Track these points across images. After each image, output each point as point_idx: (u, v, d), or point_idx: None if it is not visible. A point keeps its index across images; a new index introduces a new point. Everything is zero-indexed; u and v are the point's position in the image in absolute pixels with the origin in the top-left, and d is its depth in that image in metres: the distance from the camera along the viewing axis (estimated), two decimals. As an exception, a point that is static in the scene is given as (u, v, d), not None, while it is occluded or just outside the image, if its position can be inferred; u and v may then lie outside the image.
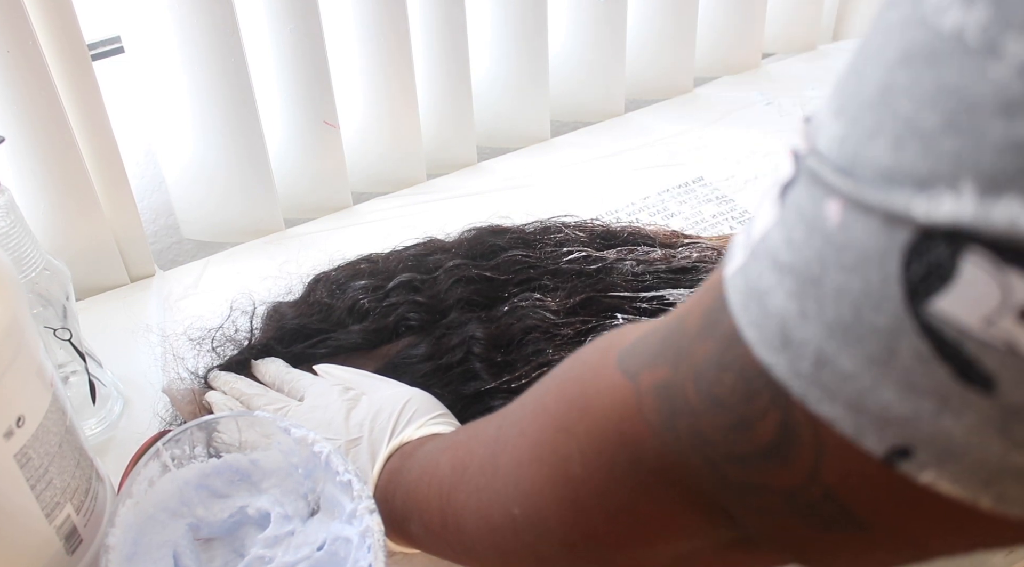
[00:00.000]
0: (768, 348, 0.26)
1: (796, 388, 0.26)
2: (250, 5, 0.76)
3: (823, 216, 0.24)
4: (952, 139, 0.21)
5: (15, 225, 0.56)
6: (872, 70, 0.24)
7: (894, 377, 0.23)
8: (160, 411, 0.65)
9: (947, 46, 0.21)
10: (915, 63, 0.22)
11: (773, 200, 0.27)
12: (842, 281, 0.24)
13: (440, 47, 0.86)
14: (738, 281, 0.28)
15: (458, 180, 0.92)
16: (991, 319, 0.21)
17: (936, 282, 0.22)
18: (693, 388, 0.30)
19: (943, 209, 0.21)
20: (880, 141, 0.23)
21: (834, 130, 0.25)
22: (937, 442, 0.24)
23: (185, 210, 0.85)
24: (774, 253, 0.26)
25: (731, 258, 0.29)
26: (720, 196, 0.88)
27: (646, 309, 0.64)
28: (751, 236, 0.28)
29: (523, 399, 0.41)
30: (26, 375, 0.45)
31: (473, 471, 0.42)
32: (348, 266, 0.72)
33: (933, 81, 0.22)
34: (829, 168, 0.24)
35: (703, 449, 0.30)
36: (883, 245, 0.23)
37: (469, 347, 0.62)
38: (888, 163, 0.22)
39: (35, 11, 0.65)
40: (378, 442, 0.53)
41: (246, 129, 0.78)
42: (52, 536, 0.49)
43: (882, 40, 0.24)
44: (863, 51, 0.25)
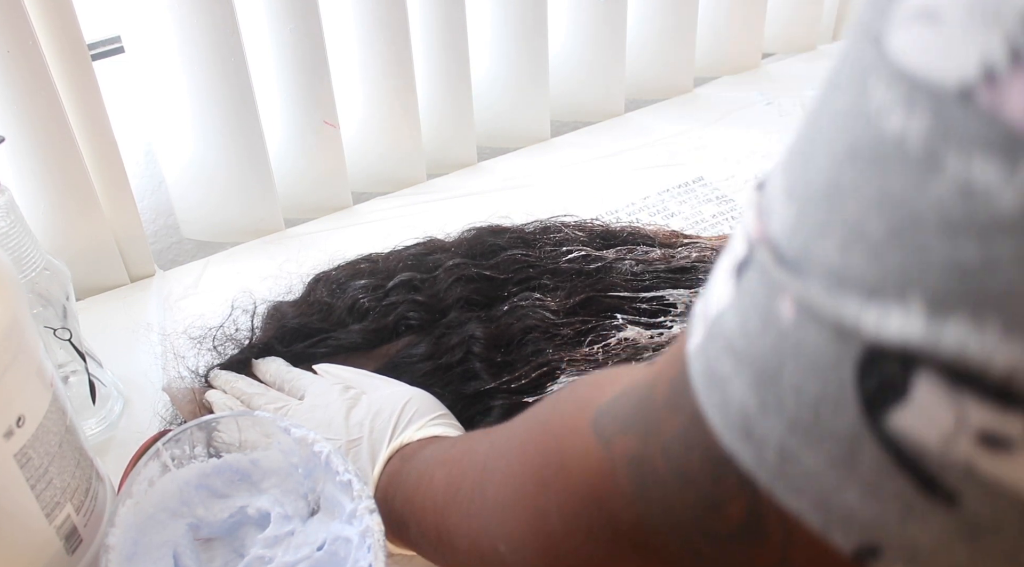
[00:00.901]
0: (732, 436, 0.26)
1: (763, 479, 0.25)
2: (250, 5, 0.76)
3: (777, 311, 0.24)
4: (898, 251, 0.20)
5: (15, 225, 0.56)
6: (820, 159, 0.23)
7: (856, 481, 0.23)
8: (160, 410, 0.65)
9: (890, 151, 0.21)
10: (860, 163, 0.21)
11: (728, 277, 0.26)
12: (799, 381, 0.23)
13: (440, 47, 0.86)
14: (699, 361, 0.27)
15: (458, 180, 0.92)
16: (948, 440, 0.21)
17: (891, 396, 0.21)
18: (663, 463, 0.29)
19: (892, 325, 0.20)
20: (829, 240, 0.22)
21: (785, 216, 0.24)
22: (904, 545, 0.23)
23: (185, 210, 0.85)
24: (730, 339, 0.26)
25: (692, 331, 0.28)
26: (720, 196, 0.88)
27: (646, 309, 0.64)
28: (707, 312, 0.27)
29: (510, 430, 0.41)
30: (26, 375, 0.46)
31: (464, 495, 0.42)
32: (348, 266, 0.72)
33: (877, 186, 0.21)
34: (779, 264, 0.23)
35: (675, 523, 0.30)
36: (836, 353, 0.22)
37: (469, 347, 0.62)
38: (837, 265, 0.22)
39: (35, 11, 0.65)
40: (378, 443, 0.53)
41: (246, 129, 0.78)
42: (52, 536, 0.49)
43: (829, 128, 0.23)
44: (811, 133, 0.24)
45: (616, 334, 0.62)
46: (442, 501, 0.44)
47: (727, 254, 0.27)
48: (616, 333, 0.62)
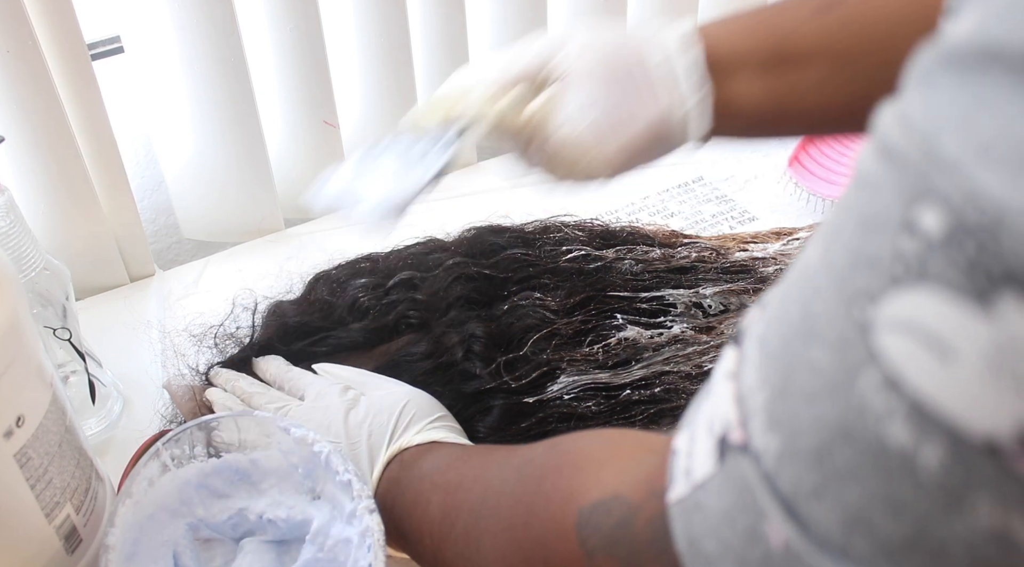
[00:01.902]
0: None
1: None
2: (250, 5, 0.76)
3: (763, 533, 0.23)
4: (918, 559, 0.20)
5: (15, 225, 0.56)
6: (803, 409, 0.22)
7: None
8: (160, 409, 0.65)
9: (895, 463, 0.20)
10: (856, 451, 0.21)
11: (709, 440, 0.26)
12: None
13: (440, 47, 0.86)
14: (681, 519, 0.27)
15: (458, 180, 0.92)
16: None
17: None
18: None
19: None
20: (827, 509, 0.21)
21: (769, 443, 0.23)
22: None
23: (185, 210, 0.85)
24: (715, 523, 0.25)
25: (673, 479, 0.28)
26: (720, 196, 0.88)
27: (645, 309, 0.64)
28: (691, 470, 0.27)
29: (501, 481, 0.42)
30: (26, 375, 0.45)
31: (459, 534, 0.43)
32: (348, 265, 0.72)
33: (886, 491, 0.20)
34: (770, 497, 0.23)
35: None
36: None
37: (469, 346, 0.62)
38: (839, 542, 0.21)
39: (35, 11, 0.65)
40: (376, 446, 0.53)
41: (246, 129, 0.78)
42: (52, 536, 0.49)
43: (811, 384, 0.22)
44: (790, 362, 0.23)
45: (616, 334, 0.62)
46: (438, 531, 0.45)
47: (708, 405, 0.27)
48: (616, 333, 0.62)
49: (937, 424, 0.19)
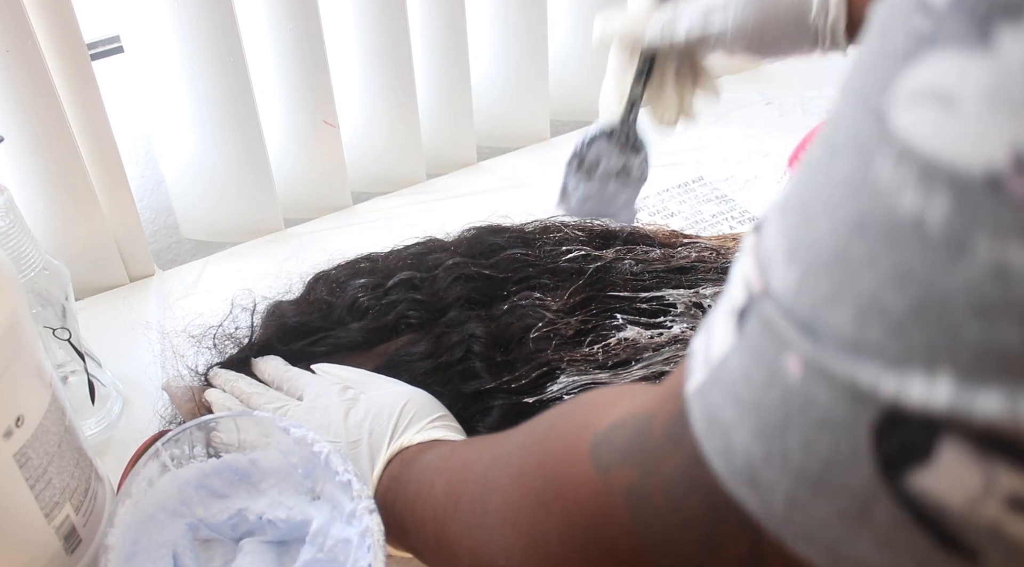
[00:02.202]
0: (736, 482, 0.26)
1: (770, 525, 0.25)
2: (250, 5, 0.76)
3: (783, 367, 0.23)
4: (923, 329, 0.20)
5: (14, 225, 0.56)
6: (823, 225, 0.23)
7: (869, 534, 0.23)
8: (160, 410, 0.65)
9: (906, 230, 0.21)
10: (871, 236, 0.21)
11: (728, 320, 0.26)
12: (808, 436, 0.23)
13: (440, 47, 0.86)
14: (699, 403, 0.27)
15: (458, 180, 0.92)
16: (974, 502, 0.20)
17: (911, 459, 0.21)
18: (662, 500, 0.30)
19: (914, 393, 0.20)
20: (842, 310, 0.22)
21: (788, 276, 0.24)
22: None
23: (185, 210, 0.85)
24: (733, 386, 0.26)
25: (691, 370, 0.28)
26: (720, 196, 0.88)
27: (645, 309, 0.64)
28: (710, 355, 0.27)
29: (510, 446, 0.42)
30: (25, 375, 0.45)
31: (464, 506, 0.43)
32: (348, 265, 0.72)
33: (894, 263, 0.21)
34: (788, 322, 0.23)
35: (676, 557, 0.30)
36: (850, 415, 0.22)
37: (469, 346, 0.62)
38: (852, 334, 0.22)
39: (35, 11, 0.65)
40: (377, 446, 0.53)
41: (246, 129, 0.78)
42: (51, 536, 0.49)
43: (830, 195, 0.23)
44: (810, 193, 0.24)
45: (616, 334, 0.62)
46: (442, 511, 0.45)
47: (726, 297, 0.27)
48: (616, 333, 0.62)
49: (942, 177, 0.20)
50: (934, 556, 0.22)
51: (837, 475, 0.23)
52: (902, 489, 0.21)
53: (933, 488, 0.21)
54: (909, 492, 0.21)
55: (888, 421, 0.21)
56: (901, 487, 0.21)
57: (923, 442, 0.21)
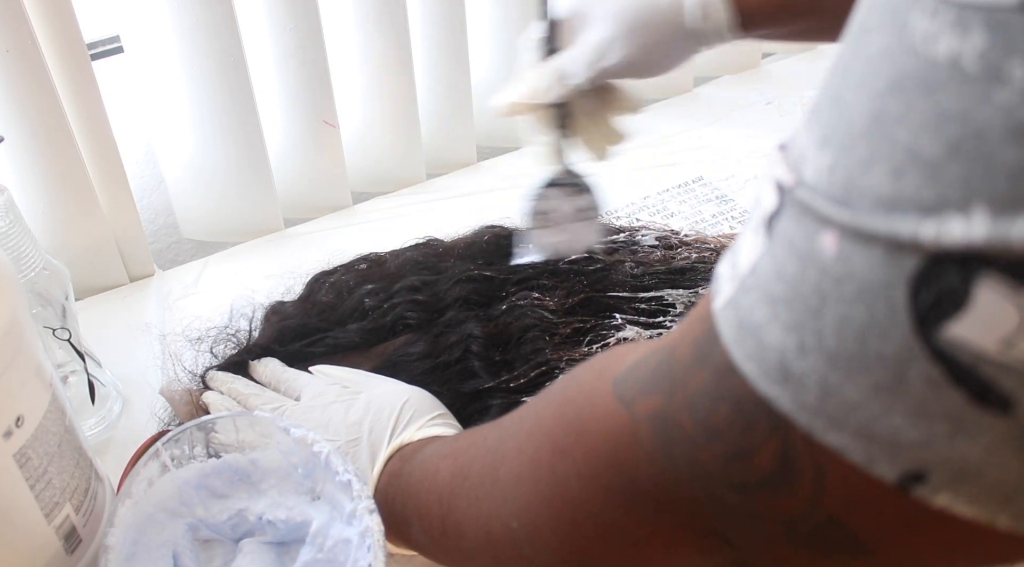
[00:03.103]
0: (768, 381, 0.26)
1: (801, 419, 0.25)
2: (250, 5, 0.76)
3: (818, 248, 0.24)
4: (958, 165, 0.21)
5: (14, 225, 0.56)
6: (858, 99, 0.23)
7: (904, 403, 0.23)
8: (158, 411, 0.65)
9: (942, 74, 0.21)
10: (907, 91, 0.22)
11: (757, 231, 0.27)
12: (843, 312, 0.24)
13: (440, 47, 0.86)
14: (728, 314, 0.28)
15: (458, 180, 0.92)
16: (1009, 341, 0.21)
17: (948, 308, 0.21)
18: (688, 418, 0.30)
19: (954, 232, 0.21)
20: (877, 170, 0.22)
21: (822, 160, 0.24)
22: (952, 464, 0.23)
23: (185, 210, 0.85)
24: (765, 286, 0.26)
25: (717, 291, 0.29)
26: (720, 196, 0.88)
27: (644, 309, 0.64)
28: (737, 268, 0.28)
29: (522, 412, 0.42)
30: (25, 375, 0.45)
31: (473, 481, 0.42)
32: (348, 266, 0.72)
33: (931, 109, 0.21)
34: (822, 198, 0.24)
35: (700, 476, 0.30)
36: (887, 275, 0.22)
37: (467, 345, 0.62)
38: (888, 191, 0.22)
39: (35, 11, 0.65)
40: (378, 443, 0.53)
41: (246, 129, 0.78)
42: (51, 536, 0.49)
43: (864, 69, 0.23)
44: (842, 80, 0.24)
45: (615, 334, 0.62)
46: (448, 492, 0.44)
47: (754, 213, 0.28)
48: (615, 333, 0.62)
49: (977, 12, 0.20)
50: (968, 414, 0.22)
51: (872, 346, 0.23)
52: (937, 344, 0.22)
53: (968, 335, 0.21)
54: (944, 346, 0.22)
55: (925, 271, 0.22)
56: (936, 342, 0.22)
57: (960, 286, 0.21)
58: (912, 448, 0.24)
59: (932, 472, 0.24)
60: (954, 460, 0.23)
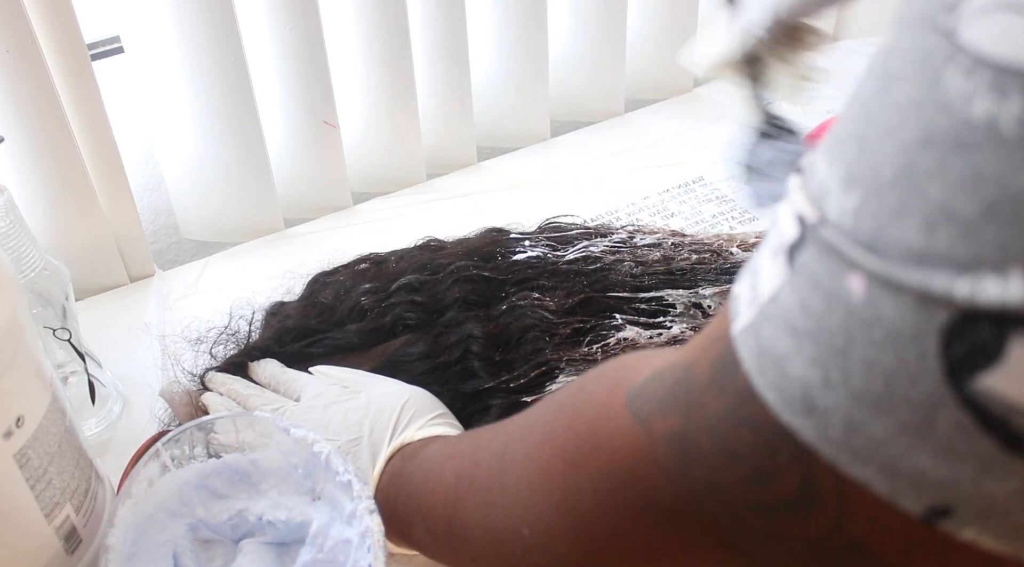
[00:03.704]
0: (791, 412, 0.26)
1: (826, 451, 0.25)
2: (250, 5, 0.76)
3: (844, 289, 0.24)
4: (995, 227, 0.21)
5: (15, 225, 0.56)
6: (886, 147, 0.23)
7: (931, 444, 0.23)
8: (158, 412, 0.65)
9: (979, 135, 0.21)
10: (940, 147, 0.22)
11: (777, 257, 0.27)
12: (871, 354, 0.24)
13: (440, 47, 0.86)
14: (749, 341, 0.28)
15: (458, 180, 0.92)
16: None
17: (981, 361, 0.21)
18: (708, 440, 0.30)
19: (990, 292, 0.21)
20: (909, 223, 0.22)
21: (847, 202, 0.24)
22: (978, 503, 0.23)
23: (185, 210, 0.85)
24: (788, 318, 0.26)
25: (736, 313, 0.29)
26: (720, 196, 0.88)
27: (644, 309, 0.64)
28: (758, 294, 0.28)
29: (529, 419, 0.41)
30: (25, 375, 0.45)
31: (480, 484, 0.42)
32: (349, 266, 0.72)
33: (966, 168, 0.21)
34: (849, 241, 0.24)
35: (721, 496, 0.30)
36: (918, 324, 0.22)
37: (467, 346, 0.62)
38: (920, 245, 0.22)
39: (35, 11, 0.65)
40: (378, 443, 0.53)
41: (246, 129, 0.78)
42: (51, 536, 0.49)
43: (892, 117, 0.23)
44: (866, 123, 0.24)
45: (615, 334, 0.62)
46: (453, 493, 0.44)
47: (772, 237, 0.28)
48: (615, 333, 0.62)
49: (1017, 76, 0.20)
50: (998, 460, 0.22)
51: (900, 389, 0.23)
52: (968, 393, 0.22)
53: (1001, 388, 0.21)
54: (976, 396, 0.22)
55: (958, 325, 0.22)
56: (968, 391, 0.22)
57: (994, 341, 0.21)
58: (938, 486, 0.24)
59: (958, 508, 0.24)
60: (981, 499, 0.23)
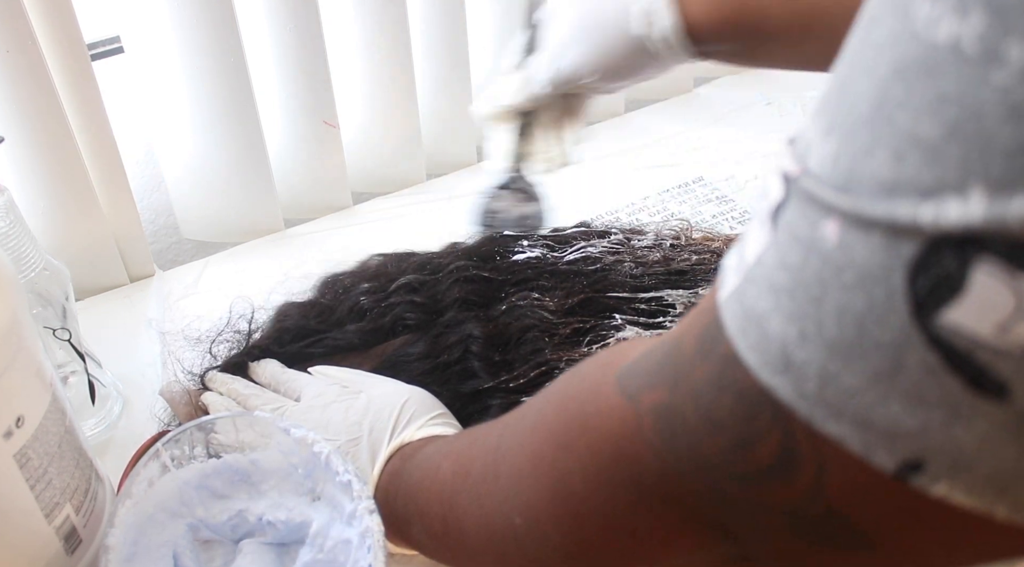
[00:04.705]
0: (770, 371, 0.26)
1: (801, 409, 0.26)
2: (250, 5, 0.76)
3: (820, 236, 0.24)
4: (956, 146, 0.21)
5: (15, 225, 0.56)
6: (862, 86, 0.24)
7: (901, 390, 0.23)
8: (158, 412, 0.65)
9: (943, 57, 0.21)
10: (909, 76, 0.22)
11: (764, 223, 0.27)
12: (843, 300, 0.24)
13: (440, 47, 0.86)
14: (733, 305, 0.28)
15: (458, 180, 0.92)
16: (1005, 326, 0.21)
17: (945, 294, 0.22)
18: (692, 409, 0.30)
19: (951, 214, 0.21)
20: (879, 155, 0.22)
21: (826, 149, 0.24)
22: (949, 453, 0.23)
23: (185, 210, 0.85)
24: (769, 276, 0.26)
25: (723, 282, 0.29)
26: (720, 196, 0.88)
27: (644, 310, 0.64)
28: (744, 260, 0.28)
29: (524, 410, 0.42)
30: (25, 375, 0.45)
31: (475, 478, 0.42)
32: (356, 269, 0.72)
33: (931, 91, 0.21)
34: (826, 186, 0.24)
35: (704, 469, 0.30)
36: (887, 260, 0.22)
37: (467, 346, 0.62)
38: (889, 176, 0.22)
39: (35, 11, 0.65)
40: (378, 442, 0.53)
41: (246, 129, 0.78)
42: (51, 536, 0.49)
43: (870, 56, 0.24)
44: (849, 69, 0.25)
45: (615, 334, 0.62)
46: (450, 489, 0.44)
47: (761, 205, 0.28)
48: (615, 333, 0.62)
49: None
50: (964, 401, 0.22)
51: (870, 334, 0.23)
52: (934, 330, 0.22)
53: (965, 320, 0.21)
54: (941, 332, 0.22)
55: (923, 257, 0.22)
56: (933, 328, 0.22)
57: (956, 271, 0.21)
58: (909, 437, 0.24)
59: (929, 461, 0.24)
60: (951, 448, 0.23)
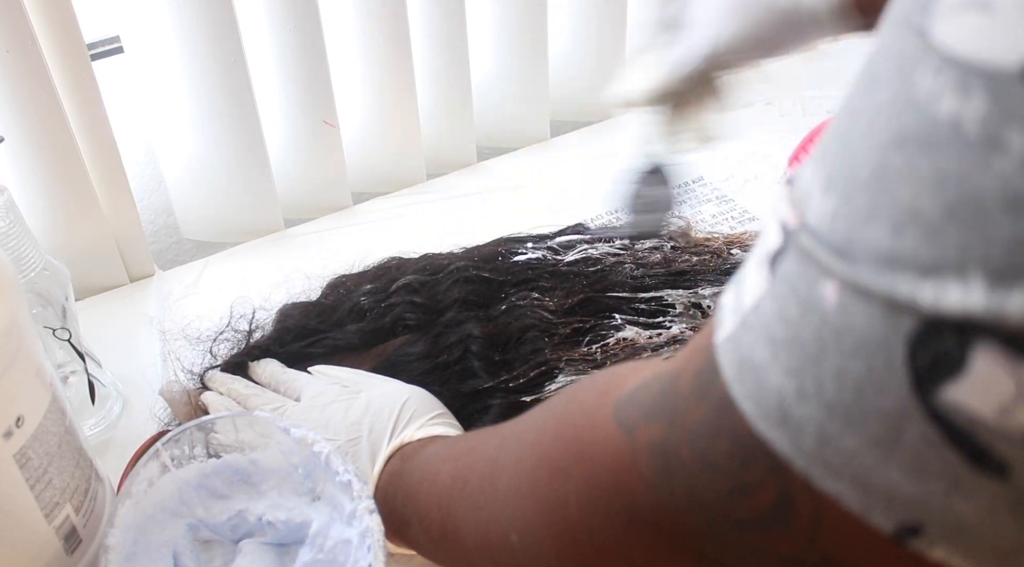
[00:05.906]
0: (767, 423, 0.26)
1: (799, 463, 0.25)
2: (250, 5, 0.76)
3: (819, 296, 0.24)
4: (956, 228, 0.21)
5: (15, 225, 0.56)
6: (863, 148, 0.23)
7: (901, 459, 0.23)
8: (158, 412, 0.65)
9: (944, 134, 0.21)
10: (910, 148, 0.22)
11: (761, 266, 0.27)
12: (842, 364, 0.23)
13: (440, 47, 0.86)
14: (730, 350, 0.28)
15: (458, 180, 0.92)
16: (1006, 409, 0.21)
17: (945, 371, 0.21)
18: (688, 451, 0.30)
19: (951, 298, 0.21)
20: (877, 225, 0.22)
21: (825, 205, 0.24)
22: (947, 522, 0.23)
23: (185, 210, 0.85)
24: (767, 327, 0.26)
25: (720, 322, 0.29)
26: (720, 196, 0.88)
27: (644, 310, 0.64)
28: (741, 303, 0.27)
29: (523, 422, 0.42)
30: (25, 375, 0.45)
31: (473, 488, 0.42)
32: (362, 271, 0.71)
33: (931, 168, 0.21)
34: (824, 248, 0.24)
35: (699, 508, 0.30)
36: (886, 332, 0.22)
37: (467, 346, 0.62)
38: (887, 248, 0.22)
39: (35, 11, 0.65)
40: (378, 442, 0.53)
41: (246, 129, 0.78)
42: (51, 536, 0.49)
43: (871, 116, 0.23)
44: (850, 124, 0.24)
45: (614, 334, 0.62)
46: (448, 496, 0.44)
47: (758, 246, 0.28)
48: (614, 333, 0.62)
49: (979, 76, 0.20)
50: (964, 475, 0.22)
51: (870, 400, 0.23)
52: (934, 405, 0.22)
53: (965, 400, 0.21)
54: (941, 408, 0.22)
55: (923, 333, 0.21)
56: (933, 403, 0.22)
57: (957, 351, 0.21)
58: (908, 503, 0.23)
59: (927, 527, 0.24)
60: (950, 518, 0.23)
